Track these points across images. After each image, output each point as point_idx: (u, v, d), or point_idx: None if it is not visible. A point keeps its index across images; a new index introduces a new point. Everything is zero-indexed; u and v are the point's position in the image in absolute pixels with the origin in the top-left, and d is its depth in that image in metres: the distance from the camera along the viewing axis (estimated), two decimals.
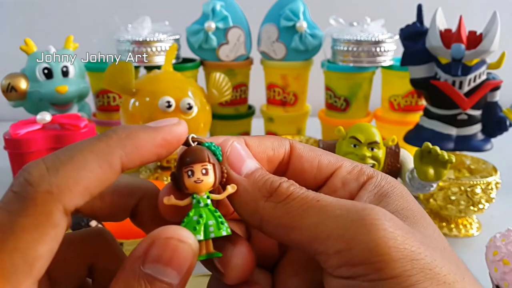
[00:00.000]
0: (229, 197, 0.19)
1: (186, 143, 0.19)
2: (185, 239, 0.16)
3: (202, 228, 0.18)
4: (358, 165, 0.22)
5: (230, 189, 0.18)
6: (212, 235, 0.18)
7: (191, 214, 0.18)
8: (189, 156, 0.18)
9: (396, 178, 0.42)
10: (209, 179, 0.18)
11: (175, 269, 0.16)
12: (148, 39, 0.64)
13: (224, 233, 0.18)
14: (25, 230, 0.14)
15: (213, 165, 0.18)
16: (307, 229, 0.17)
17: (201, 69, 0.74)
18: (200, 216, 0.18)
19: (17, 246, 0.14)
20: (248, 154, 0.19)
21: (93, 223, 0.43)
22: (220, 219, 0.18)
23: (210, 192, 0.18)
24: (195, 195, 0.18)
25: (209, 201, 0.18)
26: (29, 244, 0.14)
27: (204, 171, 0.18)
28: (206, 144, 0.19)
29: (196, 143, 0.19)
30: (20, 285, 0.14)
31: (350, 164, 0.22)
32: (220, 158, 0.19)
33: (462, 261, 0.19)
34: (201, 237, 0.17)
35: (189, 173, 0.18)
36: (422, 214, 0.19)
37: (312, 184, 0.22)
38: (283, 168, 0.21)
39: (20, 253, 0.14)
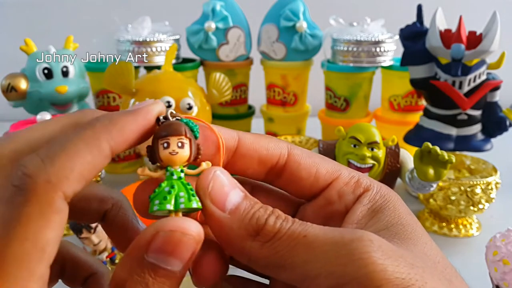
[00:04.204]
0: (215, 233, 0.18)
1: (165, 118, 0.19)
2: (189, 231, 0.16)
3: (173, 199, 0.17)
4: (355, 176, 0.22)
5: (205, 165, 0.19)
6: (182, 206, 0.17)
7: (163, 185, 0.18)
8: (166, 129, 0.18)
9: (396, 178, 0.42)
10: (184, 153, 0.18)
11: (178, 258, 0.16)
12: (148, 39, 0.64)
13: (194, 205, 0.18)
14: (31, 219, 0.15)
15: (190, 140, 0.18)
16: (297, 267, 0.17)
17: (201, 69, 0.74)
18: (172, 187, 0.18)
19: (26, 235, 0.15)
20: (232, 183, 0.19)
21: (93, 223, 0.43)
22: (191, 192, 0.18)
23: (184, 166, 0.18)
24: (169, 168, 0.18)
25: (182, 175, 0.18)
26: (37, 231, 0.15)
27: (179, 144, 0.18)
28: (184, 120, 0.19)
29: (174, 118, 0.19)
30: (35, 270, 0.15)
31: (348, 174, 0.21)
32: (197, 135, 0.19)
33: (457, 272, 0.19)
34: (171, 207, 0.17)
35: (165, 145, 0.18)
36: (413, 228, 0.19)
37: (308, 193, 0.21)
38: (278, 171, 0.21)
39: (30, 241, 0.15)
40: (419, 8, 0.62)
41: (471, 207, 0.52)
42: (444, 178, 0.51)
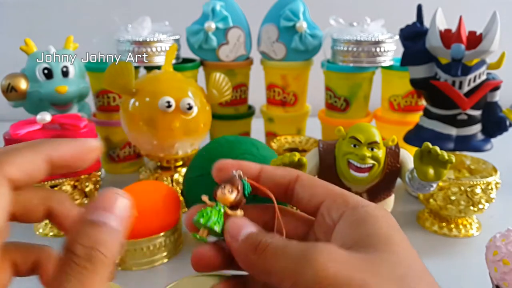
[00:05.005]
0: (234, 254, 0.24)
1: (239, 176, 0.26)
2: (123, 194, 0.21)
3: (208, 218, 0.25)
4: (345, 195, 0.26)
5: (239, 212, 0.26)
6: (208, 225, 0.25)
7: (208, 209, 0.25)
8: (229, 179, 0.26)
9: (396, 178, 0.42)
10: (231, 197, 0.26)
11: (115, 214, 0.20)
12: (148, 39, 0.64)
13: (216, 229, 0.25)
14: None
15: (238, 192, 0.26)
16: (279, 271, 0.21)
17: (201, 69, 0.74)
18: (212, 212, 0.25)
19: None
20: (245, 224, 0.25)
21: None
22: (220, 221, 0.25)
23: (228, 206, 0.26)
24: (218, 202, 0.26)
25: (222, 209, 0.25)
26: None
27: (230, 191, 0.26)
28: (243, 181, 0.26)
29: (241, 177, 0.26)
30: None
31: (339, 194, 0.26)
32: (247, 194, 0.26)
33: (434, 284, 0.21)
34: (203, 221, 0.25)
35: (222, 187, 0.26)
36: (388, 239, 0.22)
37: (310, 210, 0.27)
38: (290, 193, 0.27)
39: None
40: (419, 8, 0.62)
41: (471, 207, 0.52)
42: (444, 178, 0.51)
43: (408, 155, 0.42)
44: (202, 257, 0.25)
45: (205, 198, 0.26)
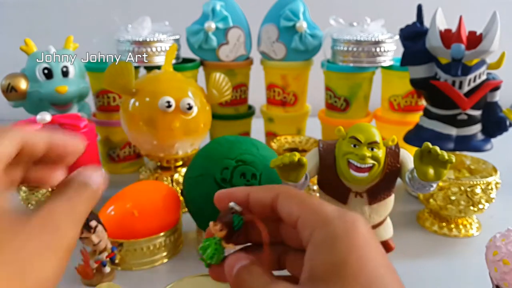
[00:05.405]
0: (228, 277, 0.27)
1: (237, 210, 0.28)
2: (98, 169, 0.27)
3: (204, 251, 0.27)
4: (317, 210, 0.25)
5: (232, 246, 0.28)
6: (204, 257, 0.27)
7: (207, 242, 0.28)
8: (223, 213, 0.28)
9: (396, 178, 0.42)
10: (220, 234, 0.27)
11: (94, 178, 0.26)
12: (148, 39, 0.64)
13: (212, 261, 0.27)
14: None
15: (227, 228, 0.27)
16: None
17: (201, 69, 0.74)
18: (208, 243, 0.27)
19: None
20: (238, 258, 0.27)
21: (93, 223, 0.43)
22: (217, 252, 0.27)
23: (223, 238, 0.28)
24: (215, 235, 0.28)
25: (218, 241, 0.28)
26: None
27: (219, 228, 0.27)
28: (234, 216, 0.28)
29: (232, 208, 0.28)
30: None
31: (312, 209, 0.26)
32: (235, 228, 0.28)
33: None
34: (202, 253, 0.28)
35: (214, 223, 0.27)
36: (341, 272, 0.22)
37: (291, 226, 0.27)
38: (276, 212, 0.28)
39: None
40: (419, 8, 0.62)
41: (471, 207, 0.52)
42: (444, 178, 0.51)
43: (408, 155, 0.42)
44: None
45: (210, 228, 0.28)
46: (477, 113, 0.59)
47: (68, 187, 0.25)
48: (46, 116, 0.53)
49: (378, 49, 0.65)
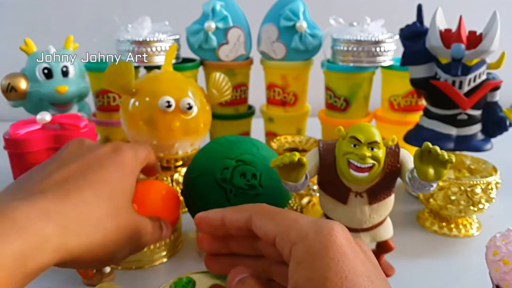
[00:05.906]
0: None
1: None
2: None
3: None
4: (292, 227, 0.25)
5: None
6: None
7: (179, 279, 0.34)
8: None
9: (396, 178, 0.42)
10: None
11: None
12: (148, 39, 0.64)
13: None
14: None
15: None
16: None
17: (201, 69, 0.74)
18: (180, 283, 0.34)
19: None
20: (239, 272, 0.29)
21: None
22: None
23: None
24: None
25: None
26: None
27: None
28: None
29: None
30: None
31: (287, 226, 0.26)
32: None
33: None
34: None
35: None
36: (324, 283, 0.22)
37: (269, 244, 0.27)
38: (251, 232, 0.28)
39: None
40: (419, 8, 0.62)
41: (471, 207, 0.52)
42: (444, 178, 0.51)
43: (408, 155, 0.42)
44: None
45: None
46: (477, 113, 0.59)
47: None
48: (46, 116, 0.53)
49: (378, 49, 0.65)
